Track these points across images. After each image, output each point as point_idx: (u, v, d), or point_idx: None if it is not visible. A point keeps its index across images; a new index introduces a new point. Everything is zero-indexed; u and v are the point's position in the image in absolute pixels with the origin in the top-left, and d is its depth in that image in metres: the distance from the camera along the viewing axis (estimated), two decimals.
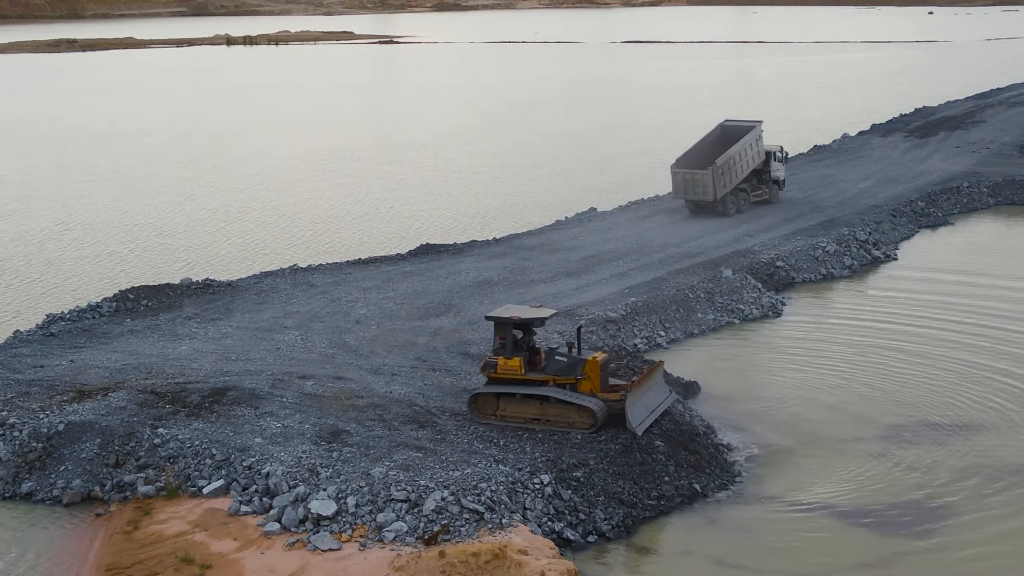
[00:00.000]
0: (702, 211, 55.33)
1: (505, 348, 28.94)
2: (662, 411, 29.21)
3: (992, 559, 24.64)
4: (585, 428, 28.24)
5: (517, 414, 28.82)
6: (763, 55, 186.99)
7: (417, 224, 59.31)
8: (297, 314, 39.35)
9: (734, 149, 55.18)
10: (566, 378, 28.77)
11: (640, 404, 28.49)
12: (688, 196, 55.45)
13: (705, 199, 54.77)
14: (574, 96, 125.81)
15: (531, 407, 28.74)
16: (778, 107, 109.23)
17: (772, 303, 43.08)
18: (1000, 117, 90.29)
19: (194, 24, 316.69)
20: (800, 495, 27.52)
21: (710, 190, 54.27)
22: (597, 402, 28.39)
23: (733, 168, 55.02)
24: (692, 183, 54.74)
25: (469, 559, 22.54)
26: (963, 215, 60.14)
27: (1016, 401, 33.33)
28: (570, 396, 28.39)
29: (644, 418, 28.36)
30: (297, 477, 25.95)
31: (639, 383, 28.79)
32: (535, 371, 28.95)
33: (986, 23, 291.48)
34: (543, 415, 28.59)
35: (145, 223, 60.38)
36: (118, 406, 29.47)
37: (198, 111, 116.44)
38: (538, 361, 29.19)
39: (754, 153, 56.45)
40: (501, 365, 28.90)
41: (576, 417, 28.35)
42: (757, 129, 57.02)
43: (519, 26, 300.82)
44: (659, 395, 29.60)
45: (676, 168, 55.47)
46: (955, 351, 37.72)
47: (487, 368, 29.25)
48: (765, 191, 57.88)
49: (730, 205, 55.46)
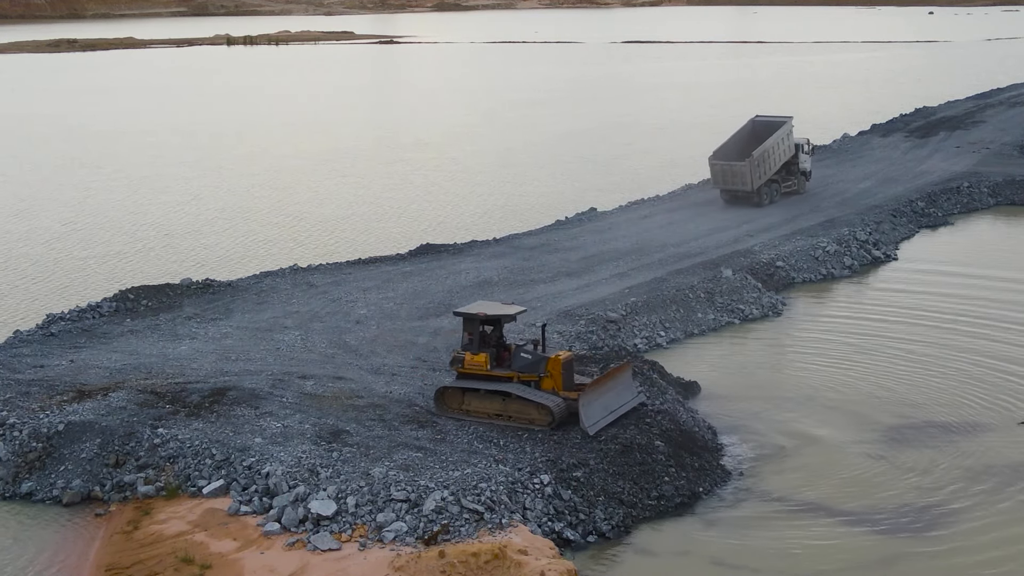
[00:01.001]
0: (738, 201, 58.13)
1: (473, 344, 29.39)
2: (625, 412, 29.25)
3: (993, 559, 24.60)
4: (544, 425, 28.48)
5: (481, 409, 29.24)
6: (763, 55, 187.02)
7: (417, 224, 59.31)
8: (297, 314, 39.35)
9: (769, 142, 57.87)
10: (530, 375, 29.13)
11: (598, 404, 28.55)
12: (726, 186, 58.27)
13: (743, 189, 57.59)
14: (574, 96, 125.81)
15: (494, 403, 29.09)
16: (778, 107, 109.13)
17: (772, 303, 43.07)
18: (1000, 117, 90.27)
19: (194, 24, 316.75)
20: (800, 495, 27.50)
21: (747, 180, 57.07)
22: (556, 400, 28.59)
23: (768, 160, 57.68)
24: (730, 174, 57.57)
25: (469, 559, 22.54)
26: (963, 215, 60.13)
27: (1018, 401, 33.32)
28: (529, 393, 28.69)
29: (600, 418, 28.41)
30: (297, 477, 25.95)
31: (597, 383, 28.89)
32: (502, 367, 29.38)
33: (986, 23, 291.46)
34: (505, 411, 28.96)
35: (147, 223, 60.37)
36: (118, 406, 29.47)
37: (199, 111, 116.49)
38: (506, 358, 29.61)
39: (786, 147, 59.21)
40: (468, 360, 29.40)
41: (535, 414, 28.63)
42: (788, 124, 59.69)
43: (519, 26, 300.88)
44: (624, 396, 29.60)
45: (714, 160, 58.35)
46: (955, 351, 37.71)
47: (455, 363, 29.77)
48: (794, 182, 60.55)
49: (764, 195, 58.02)
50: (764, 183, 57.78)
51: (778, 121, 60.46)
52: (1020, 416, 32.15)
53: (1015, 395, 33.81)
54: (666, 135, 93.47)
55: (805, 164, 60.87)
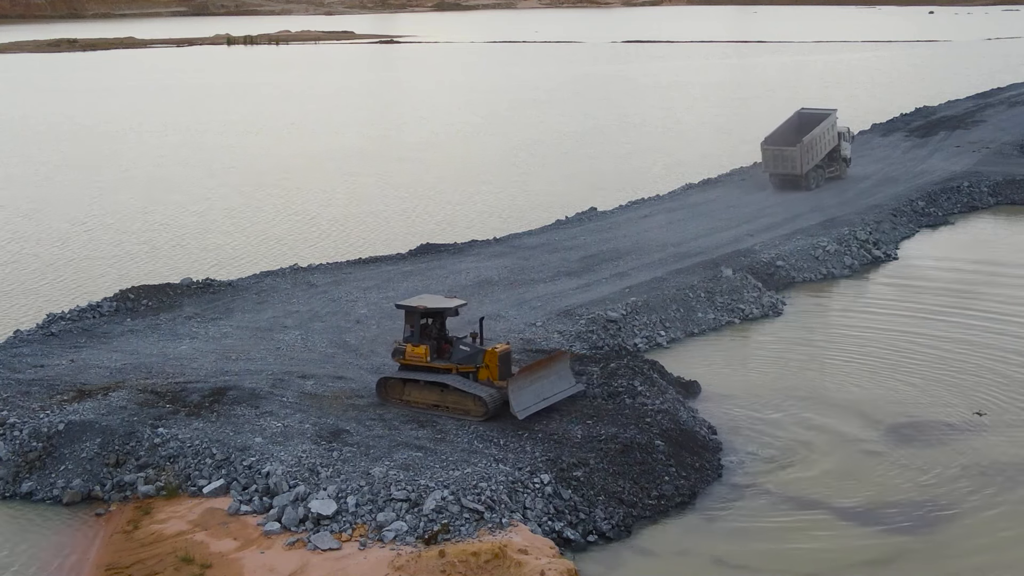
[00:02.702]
0: (787, 185, 61.99)
1: (414, 336, 30.02)
2: (559, 399, 29.82)
3: (994, 559, 24.60)
4: (479, 416, 29.14)
5: (420, 399, 30.03)
6: (763, 55, 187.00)
7: (417, 224, 59.31)
8: (297, 314, 39.35)
9: (816, 131, 62.06)
10: (467, 367, 29.82)
11: (529, 391, 29.18)
12: (776, 170, 62.42)
13: (792, 172, 61.56)
14: (574, 96, 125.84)
15: (433, 393, 29.90)
16: (778, 107, 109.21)
17: (773, 303, 43.07)
18: (1000, 117, 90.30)
19: (194, 24, 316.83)
20: (801, 494, 27.48)
21: (797, 164, 61.08)
22: (490, 391, 29.26)
23: (815, 147, 62.01)
24: (781, 159, 61.74)
25: (469, 558, 22.54)
26: (963, 214, 60.15)
27: (1019, 400, 33.32)
28: (465, 384, 29.40)
29: (530, 404, 29.04)
30: (297, 476, 25.96)
31: (528, 370, 29.55)
32: (442, 359, 30.04)
33: (987, 23, 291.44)
34: (443, 401, 29.72)
35: (147, 224, 60.37)
36: (118, 406, 29.48)
37: (201, 112, 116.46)
38: (447, 350, 30.27)
39: (831, 136, 63.73)
40: (409, 352, 30.08)
41: (471, 405, 29.35)
42: (833, 116, 64.20)
43: (519, 26, 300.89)
44: (559, 384, 30.24)
45: (766, 146, 62.66)
46: (956, 350, 37.71)
47: (396, 354, 30.45)
48: (836, 168, 64.86)
49: (811, 180, 62.09)
50: (812, 168, 61.73)
51: (823, 113, 64.83)
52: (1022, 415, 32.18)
53: (1016, 393, 33.82)
54: (666, 135, 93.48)
55: (846, 151, 65.36)
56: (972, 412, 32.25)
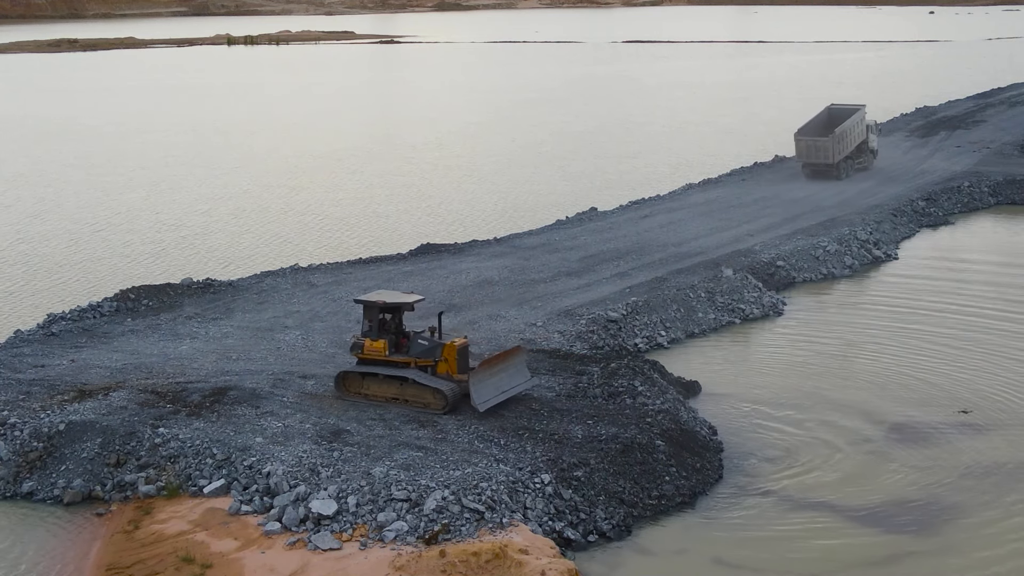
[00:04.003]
0: (818, 175, 65.25)
1: (372, 330, 30.40)
2: (515, 393, 30.30)
3: (995, 558, 24.60)
4: (438, 409, 29.61)
5: (379, 393, 30.48)
6: (765, 55, 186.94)
7: (418, 224, 59.31)
8: (298, 314, 39.36)
9: (847, 123, 65.67)
10: (426, 360, 30.25)
11: (488, 384, 29.68)
12: (809, 160, 65.92)
13: (825, 162, 65.08)
14: (575, 96, 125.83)
15: (392, 387, 30.35)
16: (778, 107, 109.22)
17: (773, 303, 43.07)
18: (1001, 116, 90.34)
19: (195, 24, 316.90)
20: (801, 494, 27.48)
21: (829, 155, 64.58)
22: (450, 384, 29.74)
23: (846, 138, 65.52)
24: (814, 149, 65.26)
25: (470, 558, 22.55)
26: (964, 214, 60.19)
27: (1019, 399, 33.31)
28: (424, 378, 29.87)
29: (490, 397, 29.58)
30: (298, 476, 25.96)
31: (488, 363, 29.98)
32: (400, 353, 30.42)
33: (987, 22, 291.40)
34: (402, 395, 30.17)
35: (156, 224, 60.37)
36: (119, 405, 29.49)
37: (202, 112, 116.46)
38: (404, 344, 30.69)
39: (860, 130, 67.33)
40: (367, 346, 30.46)
41: (431, 398, 29.82)
42: (862, 111, 67.87)
43: (519, 26, 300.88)
44: (516, 378, 30.75)
45: (800, 136, 66.19)
46: (956, 350, 37.72)
47: (355, 348, 30.79)
48: (864, 160, 68.09)
49: (843, 170, 65.25)
50: (843, 158, 65.06)
51: (852, 108, 68.62)
52: (1023, 414, 32.19)
53: (1017, 392, 33.82)
54: (667, 135, 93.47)
55: (873, 143, 68.85)
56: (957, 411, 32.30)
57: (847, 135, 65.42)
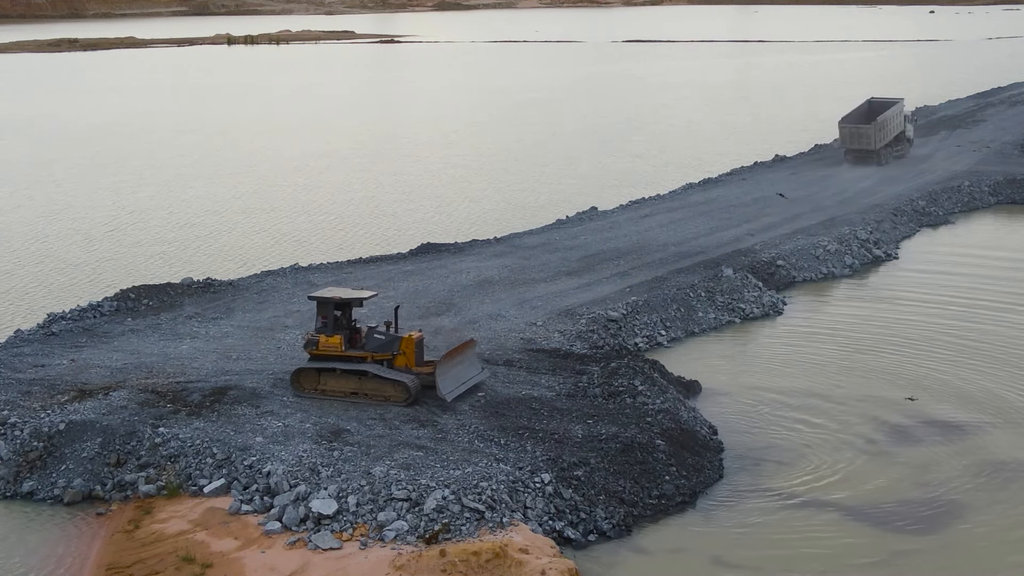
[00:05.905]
0: (860, 160, 69.58)
1: (327, 326, 30.57)
2: (472, 384, 31.01)
3: (995, 557, 24.61)
4: (400, 401, 29.92)
5: (337, 388, 30.67)
6: (764, 54, 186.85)
7: (418, 223, 59.30)
8: (298, 313, 39.34)
9: (888, 113, 70.82)
10: (383, 354, 30.51)
11: (451, 376, 30.29)
12: (852, 146, 70.62)
13: (867, 148, 69.70)
14: (575, 96, 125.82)
15: (350, 382, 30.57)
16: (778, 106, 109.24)
17: (773, 302, 43.07)
18: (1001, 116, 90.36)
19: (195, 24, 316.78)
20: (801, 494, 27.48)
21: (872, 141, 69.35)
22: (411, 377, 30.11)
23: (887, 127, 70.51)
24: (857, 135, 70.12)
25: (470, 558, 22.55)
26: (964, 214, 60.23)
27: (1020, 399, 33.31)
28: (385, 372, 30.17)
29: (454, 388, 30.24)
30: (298, 476, 25.96)
31: (449, 355, 30.45)
32: (355, 348, 30.62)
33: (987, 22, 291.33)
34: (361, 389, 30.37)
35: (161, 224, 60.37)
36: (119, 405, 29.49)
37: (206, 112, 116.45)
38: (358, 339, 30.87)
39: (899, 120, 72.38)
40: (323, 342, 30.69)
41: (392, 391, 30.13)
42: (901, 103, 73.23)
43: (520, 26, 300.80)
44: (471, 370, 31.42)
45: (844, 123, 71.06)
46: (957, 349, 37.73)
47: (309, 345, 30.89)
48: (901, 148, 72.71)
49: (883, 156, 69.85)
50: (883, 145, 69.69)
51: (891, 101, 74.09)
52: (1023, 414, 32.18)
53: (1017, 391, 33.81)
54: (667, 135, 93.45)
55: (909, 133, 73.81)
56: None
57: (887, 124, 70.09)
